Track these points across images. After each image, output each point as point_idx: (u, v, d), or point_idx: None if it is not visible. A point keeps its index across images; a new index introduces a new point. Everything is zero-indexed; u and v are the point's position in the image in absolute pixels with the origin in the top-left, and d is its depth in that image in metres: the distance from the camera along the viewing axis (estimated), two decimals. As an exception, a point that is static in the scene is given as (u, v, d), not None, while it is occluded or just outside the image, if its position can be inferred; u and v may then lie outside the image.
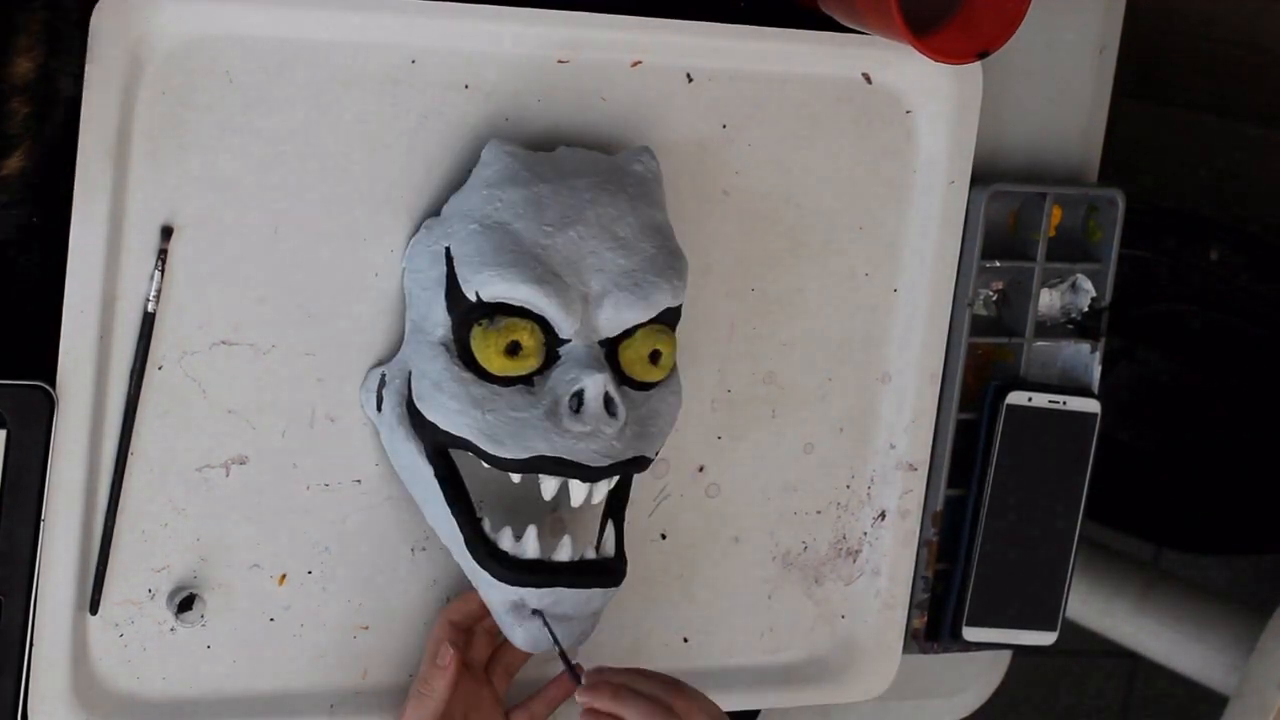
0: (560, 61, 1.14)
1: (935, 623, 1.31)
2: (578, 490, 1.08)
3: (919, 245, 1.26)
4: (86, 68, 1.02)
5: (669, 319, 1.11)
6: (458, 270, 1.07)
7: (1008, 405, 1.28)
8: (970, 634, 1.30)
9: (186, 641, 1.11)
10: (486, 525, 1.09)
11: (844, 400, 1.26)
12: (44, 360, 1.05)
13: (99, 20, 1.02)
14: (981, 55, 1.14)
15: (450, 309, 1.08)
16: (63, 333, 1.05)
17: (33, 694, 1.07)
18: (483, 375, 1.07)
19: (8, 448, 1.04)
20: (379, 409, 1.11)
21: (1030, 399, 1.29)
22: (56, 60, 0.98)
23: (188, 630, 1.11)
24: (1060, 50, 1.32)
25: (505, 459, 1.07)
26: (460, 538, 1.09)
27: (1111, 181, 1.33)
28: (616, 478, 1.09)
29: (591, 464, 1.07)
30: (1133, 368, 1.90)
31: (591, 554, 1.10)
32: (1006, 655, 1.38)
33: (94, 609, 1.08)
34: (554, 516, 1.15)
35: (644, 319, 1.09)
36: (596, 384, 1.06)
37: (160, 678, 1.11)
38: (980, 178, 1.26)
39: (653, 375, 1.10)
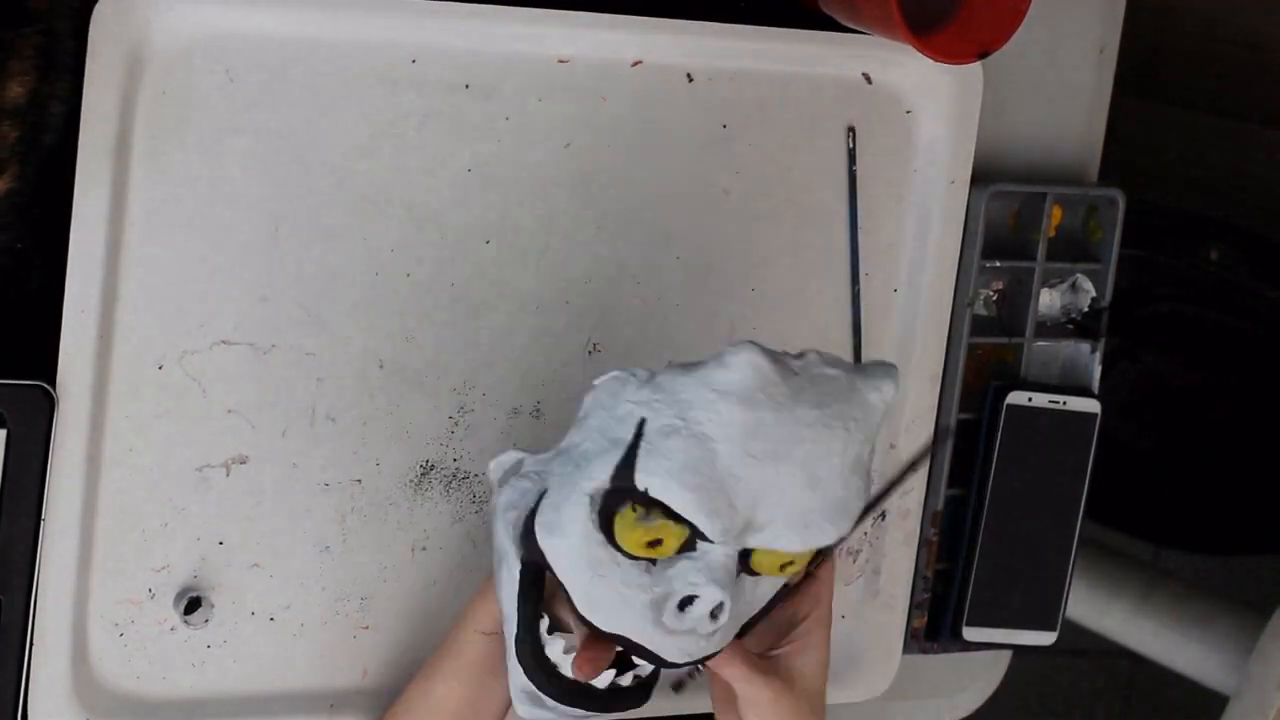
0: (560, 61, 1.14)
1: (935, 623, 1.31)
2: (645, 665, 1.04)
3: (919, 245, 1.26)
4: (86, 68, 1.02)
5: None
6: (640, 453, 0.99)
7: (1008, 405, 1.28)
8: (970, 634, 1.30)
9: (186, 641, 1.11)
10: (544, 625, 1.04)
11: (844, 400, 1.26)
12: (44, 360, 1.05)
13: (98, 21, 1.02)
14: (981, 55, 1.14)
15: (615, 476, 1.00)
16: (63, 332, 1.05)
17: (33, 694, 1.07)
18: (612, 541, 1.00)
19: (8, 447, 1.04)
20: (500, 484, 1.06)
21: (1030, 399, 1.29)
22: (48, 85, 0.98)
23: (189, 630, 1.11)
24: (1060, 50, 1.32)
25: (592, 624, 1.01)
26: (514, 629, 1.04)
27: (1111, 181, 1.33)
28: None
29: (670, 658, 1.02)
30: (1133, 367, 1.90)
31: (628, 681, 1.06)
32: (1006, 655, 1.38)
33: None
34: None
35: (792, 551, 1.02)
36: (713, 597, 1.00)
37: (160, 677, 1.11)
38: (980, 178, 1.26)
39: (774, 575, 1.04)
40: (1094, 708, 2.62)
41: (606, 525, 1.00)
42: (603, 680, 1.04)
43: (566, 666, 1.03)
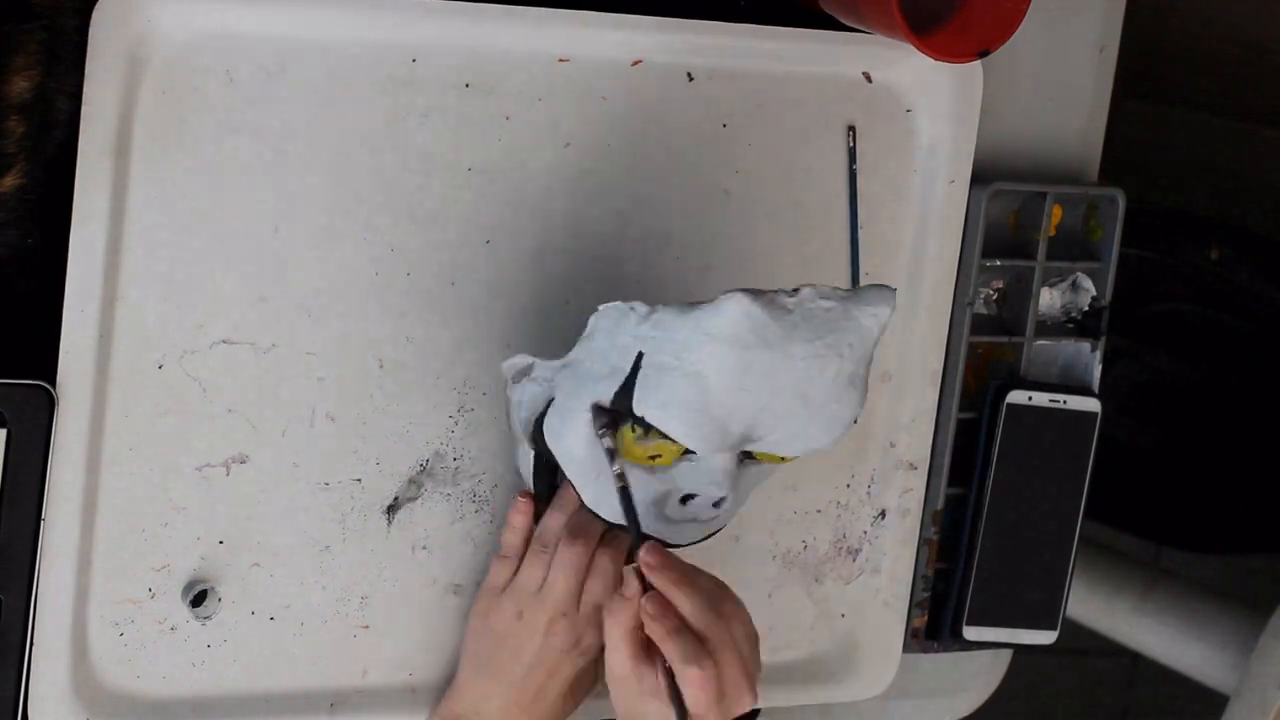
0: (561, 60, 1.14)
1: (935, 622, 1.31)
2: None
3: (919, 244, 1.26)
4: (87, 67, 1.02)
5: None
6: (638, 384, 1.04)
7: (1008, 405, 1.28)
8: (971, 633, 1.30)
9: (186, 640, 1.11)
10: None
11: (844, 399, 1.26)
12: (44, 359, 1.05)
13: (99, 20, 1.02)
14: (981, 54, 1.14)
15: (615, 400, 1.05)
16: (63, 332, 1.05)
17: (33, 693, 1.07)
18: (613, 449, 1.06)
19: (8, 447, 1.04)
20: (514, 382, 1.11)
21: (1030, 398, 1.29)
22: (54, 80, 0.98)
23: (189, 629, 1.11)
24: (1060, 50, 1.32)
25: (596, 514, 1.09)
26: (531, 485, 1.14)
27: (1111, 181, 1.33)
28: None
29: (672, 541, 1.08)
30: (1133, 367, 1.90)
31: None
32: (1006, 655, 1.38)
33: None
34: None
35: (787, 457, 1.08)
36: (714, 495, 1.07)
37: (160, 676, 1.11)
38: (980, 177, 1.26)
39: (771, 461, 1.10)
40: (1094, 708, 2.61)
41: (609, 434, 1.06)
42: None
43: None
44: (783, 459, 1.09)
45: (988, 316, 1.31)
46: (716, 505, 1.08)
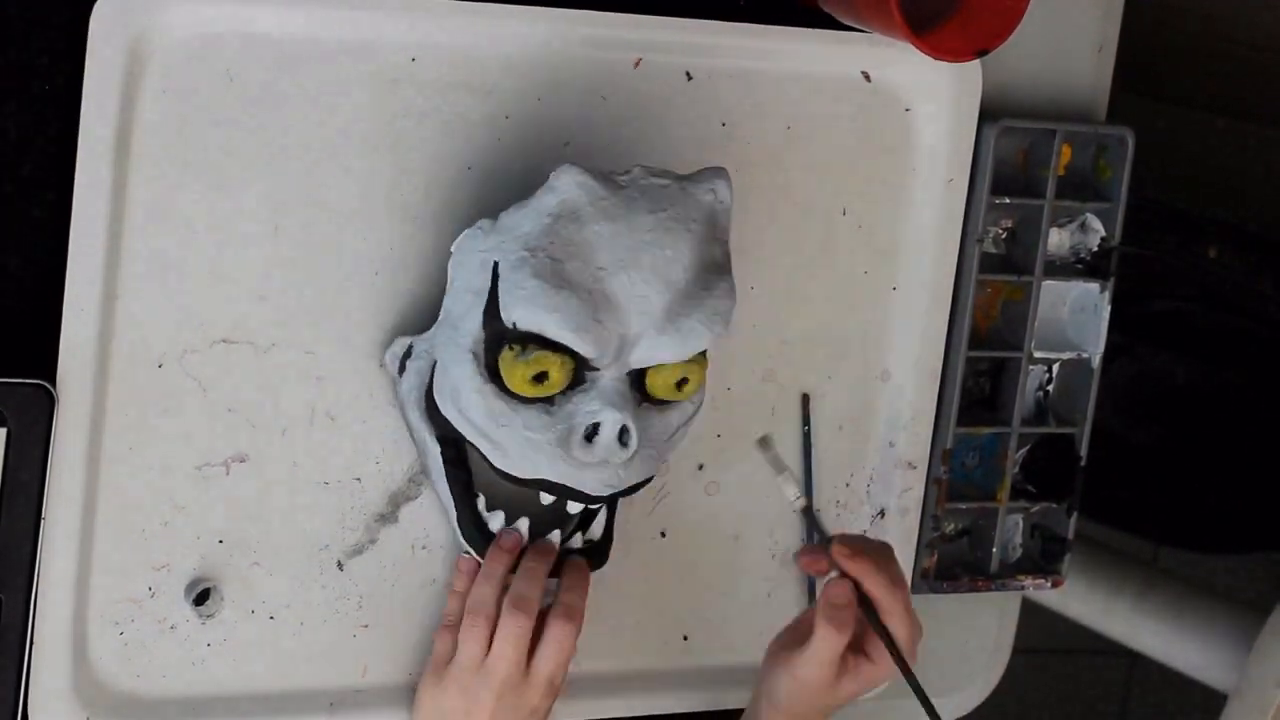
0: (560, 60, 1.14)
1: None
2: (574, 506, 1.11)
3: (918, 243, 1.26)
4: (86, 67, 1.02)
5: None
6: (501, 293, 1.05)
7: None
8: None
9: (186, 639, 1.11)
10: (482, 503, 1.12)
11: (843, 398, 1.26)
12: (44, 358, 1.05)
13: (99, 20, 1.02)
14: (980, 54, 1.14)
15: (485, 324, 1.06)
16: (63, 331, 1.05)
17: (33, 693, 1.07)
18: (504, 389, 1.06)
19: (8, 446, 1.04)
20: (400, 373, 1.11)
21: None
22: None
23: (189, 628, 1.11)
24: (1059, 49, 1.32)
25: (510, 475, 1.08)
26: (454, 513, 1.12)
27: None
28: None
29: (594, 492, 1.08)
30: (1132, 365, 1.90)
31: (578, 543, 1.13)
32: (1006, 654, 1.38)
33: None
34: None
35: (677, 360, 1.07)
36: (615, 421, 1.06)
37: (160, 676, 1.11)
38: (990, 113, 1.26)
39: (676, 398, 1.09)
40: (1093, 707, 2.62)
41: (494, 374, 1.06)
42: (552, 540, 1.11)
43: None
44: (680, 386, 1.08)
45: (996, 255, 1.31)
46: (624, 442, 1.06)
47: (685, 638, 1.24)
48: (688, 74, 1.18)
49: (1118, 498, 1.91)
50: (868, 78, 1.23)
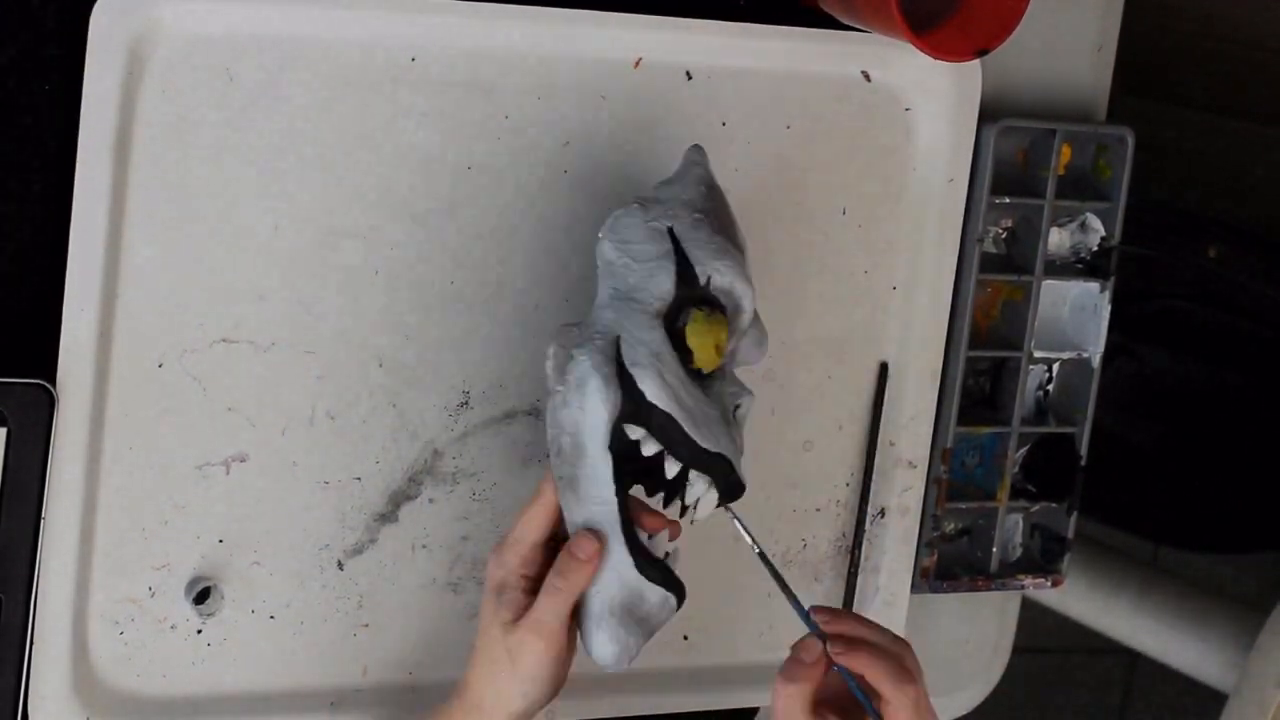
0: (560, 60, 1.14)
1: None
2: (708, 501, 1.07)
3: (918, 243, 1.26)
4: (86, 67, 1.02)
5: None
6: (690, 252, 1.07)
7: None
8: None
9: (187, 639, 1.11)
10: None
11: (843, 398, 1.26)
12: (44, 358, 1.05)
13: (99, 19, 1.02)
14: (980, 53, 1.14)
15: (679, 283, 1.06)
16: (63, 331, 1.05)
17: (33, 693, 1.07)
18: (685, 360, 1.06)
19: (8, 446, 1.04)
20: (554, 386, 1.06)
21: None
22: None
23: (189, 627, 1.11)
24: (1059, 49, 1.32)
25: (700, 446, 1.05)
26: (618, 519, 1.06)
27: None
28: None
29: (738, 467, 1.07)
30: (1131, 365, 1.90)
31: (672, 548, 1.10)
32: (1006, 654, 1.38)
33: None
34: None
35: (760, 362, 1.13)
36: (750, 402, 1.09)
37: (160, 675, 1.11)
38: (989, 113, 1.26)
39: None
40: (1092, 706, 2.62)
41: (680, 344, 1.06)
42: (674, 560, 1.09)
43: (658, 547, 1.08)
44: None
45: (996, 255, 1.31)
46: (738, 409, 1.09)
47: (685, 638, 1.24)
48: (688, 74, 1.18)
49: (1117, 498, 1.92)
50: (868, 78, 1.23)
